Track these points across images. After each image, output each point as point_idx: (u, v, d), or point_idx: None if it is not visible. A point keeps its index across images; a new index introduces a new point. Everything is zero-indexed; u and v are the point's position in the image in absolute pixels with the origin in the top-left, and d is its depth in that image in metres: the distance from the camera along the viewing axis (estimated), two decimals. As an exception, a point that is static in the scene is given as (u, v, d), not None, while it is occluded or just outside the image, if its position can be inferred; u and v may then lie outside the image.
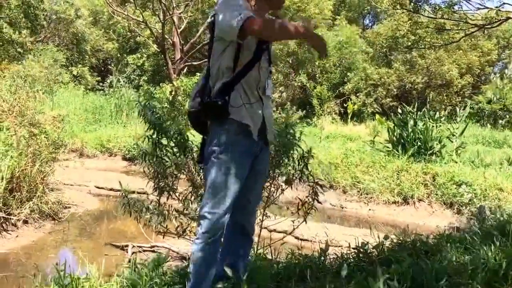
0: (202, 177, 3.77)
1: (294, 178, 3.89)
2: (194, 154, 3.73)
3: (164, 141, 3.73)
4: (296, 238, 5.47)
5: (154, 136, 3.65)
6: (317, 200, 3.86)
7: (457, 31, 12.43)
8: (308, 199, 3.86)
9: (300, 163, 3.85)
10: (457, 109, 11.93)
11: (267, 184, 3.86)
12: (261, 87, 2.56)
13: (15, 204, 5.87)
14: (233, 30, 2.31)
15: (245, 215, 2.70)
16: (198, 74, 17.93)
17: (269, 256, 3.64)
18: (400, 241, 3.55)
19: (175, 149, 3.76)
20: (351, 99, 22.70)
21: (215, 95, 2.45)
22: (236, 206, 2.57)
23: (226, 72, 2.46)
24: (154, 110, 3.69)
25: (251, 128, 2.48)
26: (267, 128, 2.59)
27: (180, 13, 20.04)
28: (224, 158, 2.45)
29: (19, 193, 6.01)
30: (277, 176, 3.93)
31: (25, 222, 5.88)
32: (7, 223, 5.70)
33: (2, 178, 5.73)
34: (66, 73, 21.09)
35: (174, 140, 3.71)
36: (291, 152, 3.82)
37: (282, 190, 3.96)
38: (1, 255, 5.08)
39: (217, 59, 2.48)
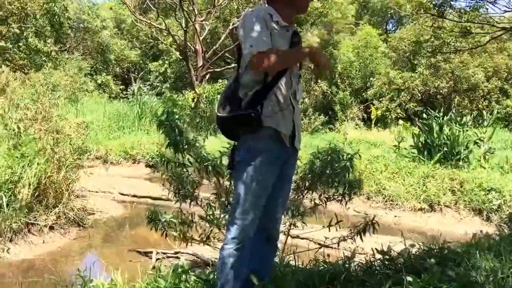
0: (228, 184, 3.76)
1: (334, 198, 3.84)
2: (214, 162, 3.71)
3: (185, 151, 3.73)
4: (320, 245, 5.41)
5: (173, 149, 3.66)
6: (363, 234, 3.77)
7: (483, 35, 12.23)
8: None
9: (346, 190, 3.79)
10: (484, 113, 11.71)
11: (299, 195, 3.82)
12: (292, 92, 2.55)
13: (42, 210, 5.96)
14: (246, 59, 2.40)
15: (271, 221, 2.68)
16: (220, 80, 18.04)
17: (293, 263, 3.59)
18: (427, 249, 3.47)
19: (194, 158, 3.77)
20: (374, 104, 22.50)
21: (247, 105, 2.43)
22: (264, 212, 2.56)
23: (257, 82, 2.45)
24: (173, 122, 3.69)
25: (284, 134, 2.47)
26: (296, 135, 2.57)
27: (202, 21, 20.18)
28: (254, 165, 2.44)
29: (45, 200, 6.10)
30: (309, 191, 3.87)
31: (51, 228, 5.95)
32: (34, 229, 5.77)
33: (30, 185, 5.83)
34: (90, 81, 21.44)
35: (192, 154, 3.72)
36: (338, 178, 3.73)
37: (316, 204, 3.91)
38: (28, 261, 5.15)
39: (247, 70, 2.47)
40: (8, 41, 17.08)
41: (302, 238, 5.10)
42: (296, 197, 3.85)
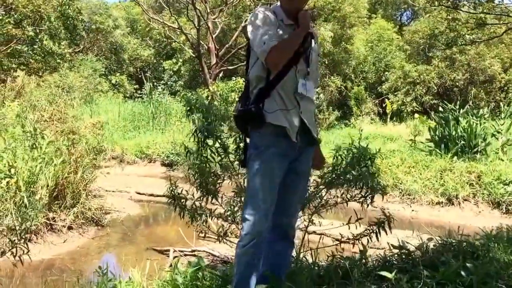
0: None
1: (355, 199, 3.82)
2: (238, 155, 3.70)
3: (210, 141, 3.73)
4: (337, 240, 5.39)
5: (200, 135, 3.65)
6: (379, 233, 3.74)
7: (499, 26, 12.05)
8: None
9: (369, 193, 3.76)
10: (501, 105, 11.54)
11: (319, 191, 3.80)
12: (298, 89, 2.53)
13: (60, 210, 6.04)
14: (262, 58, 2.43)
15: (288, 217, 2.69)
16: (233, 78, 18.05)
17: (309, 258, 3.58)
18: (445, 242, 3.44)
19: (220, 150, 3.77)
20: (389, 99, 22.33)
21: (252, 101, 2.51)
22: (279, 209, 2.57)
23: (262, 79, 2.50)
24: (203, 110, 3.72)
25: (288, 129, 2.47)
26: (311, 130, 2.58)
27: (214, 19, 20.22)
28: (260, 160, 2.47)
29: (63, 200, 6.18)
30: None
31: (70, 228, 6.02)
32: (53, 229, 5.85)
33: (48, 186, 5.91)
34: (105, 82, 21.62)
35: (219, 141, 3.72)
36: (363, 182, 3.71)
37: (336, 202, 3.90)
38: (48, 261, 5.22)
39: (253, 67, 2.54)
40: (23, 45, 17.29)
41: (320, 234, 5.09)
42: (316, 192, 3.83)
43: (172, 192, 3.90)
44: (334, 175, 3.74)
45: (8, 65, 16.44)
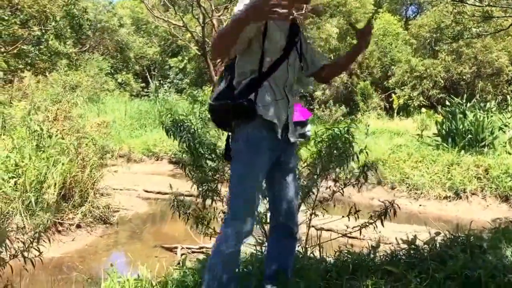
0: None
1: (350, 183, 3.79)
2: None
3: (201, 150, 3.74)
4: (345, 235, 5.39)
5: (189, 149, 3.67)
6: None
7: (505, 18, 11.96)
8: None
9: (361, 172, 3.73)
10: (509, 98, 11.47)
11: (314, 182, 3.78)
12: (288, 84, 2.49)
13: (68, 209, 6.08)
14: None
15: (287, 215, 2.63)
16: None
17: (317, 254, 3.59)
18: (453, 237, 3.42)
19: (212, 155, 3.77)
20: (396, 93, 22.24)
21: (240, 94, 2.38)
22: (279, 208, 2.56)
23: (252, 72, 2.39)
24: (183, 126, 3.69)
25: (276, 125, 2.41)
26: (289, 128, 2.51)
27: (219, 16, 20.19)
28: (248, 154, 2.38)
29: (71, 199, 6.22)
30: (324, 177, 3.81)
31: (78, 226, 6.06)
32: (61, 227, 5.89)
33: (55, 185, 5.95)
34: (111, 80, 21.67)
35: (208, 150, 3.73)
36: (347, 159, 3.66)
37: (334, 192, 3.88)
38: (57, 259, 5.25)
39: (242, 58, 2.42)
40: (30, 45, 17.37)
41: (327, 230, 5.08)
42: (311, 184, 3.81)
43: (175, 202, 3.92)
44: (321, 162, 3.69)
45: (15, 65, 16.52)
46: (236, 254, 2.40)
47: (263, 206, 3.25)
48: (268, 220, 2.93)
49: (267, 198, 2.70)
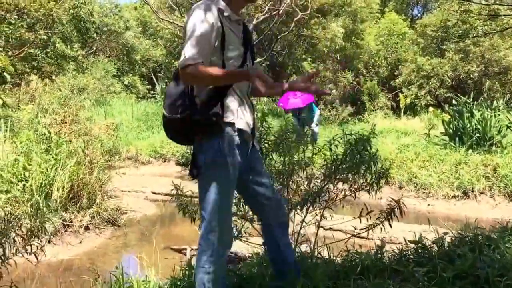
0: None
1: (362, 188, 3.78)
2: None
3: None
4: (353, 236, 5.38)
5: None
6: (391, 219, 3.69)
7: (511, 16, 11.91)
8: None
9: (374, 178, 3.72)
10: (517, 96, 11.40)
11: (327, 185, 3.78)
12: (250, 89, 2.51)
13: (76, 211, 6.11)
14: (179, 65, 2.19)
15: (275, 211, 2.63)
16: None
17: (325, 255, 3.58)
18: (461, 236, 3.41)
19: None
20: (402, 93, 22.17)
21: (205, 105, 2.26)
22: (258, 208, 2.63)
23: None
24: None
25: (246, 133, 2.40)
26: (255, 133, 2.53)
27: (225, 17, 20.21)
28: (222, 166, 2.30)
29: (79, 201, 6.25)
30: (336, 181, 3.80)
31: (87, 228, 6.09)
32: (70, 230, 5.92)
33: (63, 187, 5.98)
34: (117, 83, 21.73)
35: None
36: (364, 168, 3.65)
37: (345, 195, 3.87)
38: (66, 261, 5.28)
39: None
40: (36, 48, 17.47)
41: (335, 230, 5.08)
42: (324, 186, 3.81)
43: (182, 206, 3.94)
44: (333, 166, 3.69)
45: (22, 69, 16.63)
46: (220, 266, 2.41)
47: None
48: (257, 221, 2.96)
49: (246, 203, 2.76)
